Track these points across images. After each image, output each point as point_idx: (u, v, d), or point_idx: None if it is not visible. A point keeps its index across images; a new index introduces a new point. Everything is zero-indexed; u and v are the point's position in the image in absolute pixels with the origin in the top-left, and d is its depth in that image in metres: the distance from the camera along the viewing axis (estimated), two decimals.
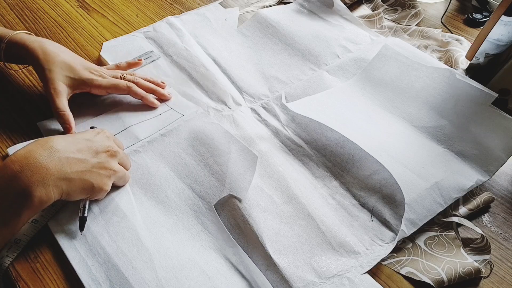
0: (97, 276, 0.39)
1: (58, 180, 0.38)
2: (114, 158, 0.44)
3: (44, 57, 0.50)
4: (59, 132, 0.52)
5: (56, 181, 0.38)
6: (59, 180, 0.39)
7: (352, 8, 0.75)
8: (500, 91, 0.54)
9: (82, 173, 0.40)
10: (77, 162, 0.40)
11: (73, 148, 0.41)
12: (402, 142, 0.52)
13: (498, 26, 0.56)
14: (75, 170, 0.40)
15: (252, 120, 0.55)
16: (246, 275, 0.40)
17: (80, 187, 0.41)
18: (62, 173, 0.39)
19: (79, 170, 0.40)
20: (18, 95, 0.57)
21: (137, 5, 0.74)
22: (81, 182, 0.40)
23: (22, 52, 0.51)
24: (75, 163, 0.40)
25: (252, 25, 0.69)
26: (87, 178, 0.41)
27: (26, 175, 0.37)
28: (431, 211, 0.45)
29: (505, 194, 0.49)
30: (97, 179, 0.42)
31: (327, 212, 0.46)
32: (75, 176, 0.40)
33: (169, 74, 0.61)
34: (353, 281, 0.40)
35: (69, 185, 0.40)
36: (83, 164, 0.41)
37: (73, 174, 0.40)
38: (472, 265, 0.41)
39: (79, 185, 0.40)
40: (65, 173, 0.39)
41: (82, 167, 0.40)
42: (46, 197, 0.38)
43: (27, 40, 0.51)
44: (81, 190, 0.41)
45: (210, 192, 0.46)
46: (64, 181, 0.39)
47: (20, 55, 0.52)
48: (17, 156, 0.37)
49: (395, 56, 0.59)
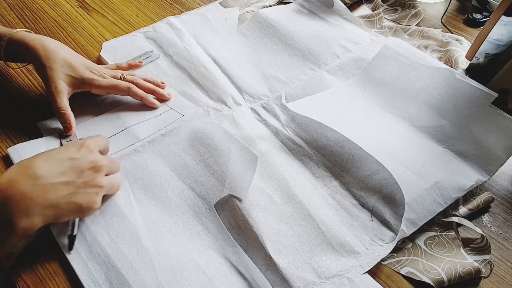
0: (97, 277, 0.39)
1: (44, 208, 0.37)
2: (100, 172, 0.42)
3: (45, 55, 0.50)
4: (59, 131, 0.52)
5: (42, 209, 0.37)
6: (45, 208, 0.37)
7: (352, 8, 0.75)
8: (500, 91, 0.54)
9: (69, 196, 0.39)
10: (63, 186, 0.38)
11: (56, 171, 0.39)
12: (402, 142, 0.52)
13: (498, 26, 0.56)
14: (61, 195, 0.38)
15: (252, 120, 0.55)
16: (246, 275, 0.40)
17: (68, 210, 0.39)
18: (48, 201, 0.37)
19: (65, 194, 0.38)
20: (18, 95, 0.57)
21: (137, 5, 0.74)
22: (68, 205, 0.39)
23: (22, 50, 0.51)
24: (60, 188, 0.38)
25: (252, 25, 0.69)
26: (74, 200, 0.39)
27: (11, 206, 0.35)
28: (431, 211, 0.45)
29: (505, 194, 0.49)
30: (85, 198, 0.40)
31: (327, 212, 0.46)
32: (61, 201, 0.38)
33: (169, 74, 0.61)
34: (353, 281, 0.40)
35: (56, 210, 0.38)
36: (69, 186, 0.39)
37: (60, 199, 0.38)
38: (472, 265, 0.41)
39: (66, 208, 0.39)
40: (50, 200, 0.37)
41: (68, 190, 0.39)
42: (30, 226, 0.37)
43: (27, 38, 0.51)
44: (69, 212, 0.40)
45: (210, 192, 0.46)
46: (51, 208, 0.38)
47: (20, 53, 0.52)
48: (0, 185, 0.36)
49: (395, 56, 0.59)
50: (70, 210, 0.39)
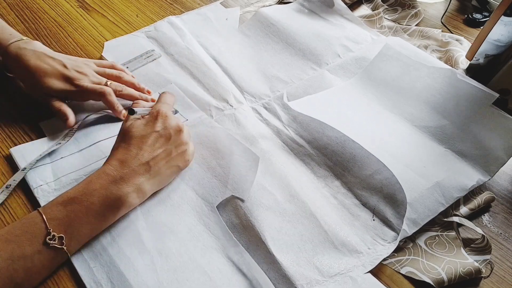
0: (98, 277, 0.39)
1: (150, 179, 0.44)
2: (182, 131, 0.46)
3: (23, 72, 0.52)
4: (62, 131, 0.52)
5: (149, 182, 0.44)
6: (152, 179, 0.44)
7: (352, 8, 0.75)
8: (500, 91, 0.54)
9: (167, 163, 0.45)
10: (160, 157, 0.44)
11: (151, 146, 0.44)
12: (403, 141, 0.52)
13: (498, 26, 0.56)
14: (161, 164, 0.44)
15: (253, 119, 0.55)
16: (248, 274, 0.41)
17: (169, 175, 0.46)
18: (153, 173, 0.44)
19: (164, 163, 0.45)
20: (18, 95, 0.57)
21: (137, 5, 0.74)
22: (169, 170, 0.45)
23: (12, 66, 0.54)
24: (159, 159, 0.44)
25: (253, 24, 0.69)
26: (172, 164, 0.46)
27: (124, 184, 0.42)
28: (432, 210, 0.45)
29: (505, 194, 0.50)
30: (180, 158, 0.46)
31: (329, 211, 0.46)
32: (163, 169, 0.45)
33: (171, 73, 0.61)
34: (356, 280, 0.40)
35: (160, 178, 0.45)
36: (164, 155, 0.45)
37: (161, 168, 0.44)
38: (473, 265, 0.41)
39: (168, 173, 0.46)
40: (154, 172, 0.44)
41: (165, 159, 0.45)
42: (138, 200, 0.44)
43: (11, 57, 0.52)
44: (171, 175, 0.46)
45: (213, 193, 0.46)
46: (156, 178, 0.44)
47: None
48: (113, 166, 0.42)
49: (397, 55, 0.59)
50: (171, 173, 0.46)
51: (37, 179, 0.47)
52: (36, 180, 0.46)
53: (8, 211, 0.45)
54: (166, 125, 0.45)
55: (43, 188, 0.46)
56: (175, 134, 0.46)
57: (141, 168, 0.43)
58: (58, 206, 0.40)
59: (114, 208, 0.42)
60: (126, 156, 0.43)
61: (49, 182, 0.46)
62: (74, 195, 0.40)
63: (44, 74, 0.51)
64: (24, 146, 0.50)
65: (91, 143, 0.51)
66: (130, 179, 0.42)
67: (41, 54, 0.52)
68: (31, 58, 0.51)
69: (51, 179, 0.47)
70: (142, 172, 0.43)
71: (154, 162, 0.44)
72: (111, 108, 0.53)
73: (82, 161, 0.49)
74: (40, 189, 0.46)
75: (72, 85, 0.52)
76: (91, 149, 0.50)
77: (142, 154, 0.43)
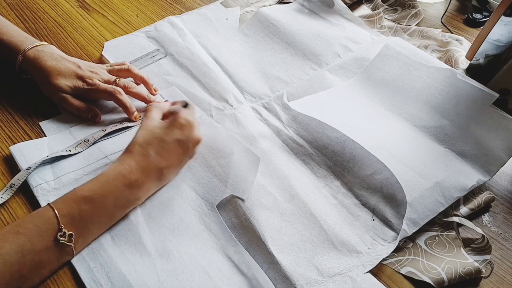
0: (98, 277, 0.39)
1: (173, 169, 0.46)
2: (194, 129, 0.47)
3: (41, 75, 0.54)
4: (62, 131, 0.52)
5: (156, 188, 0.46)
6: (157, 187, 0.46)
7: (352, 8, 0.75)
8: (500, 91, 0.54)
9: (180, 158, 0.46)
10: (176, 158, 0.46)
11: (167, 153, 0.45)
12: (403, 141, 0.52)
13: (498, 26, 0.56)
14: (177, 160, 0.46)
15: (253, 119, 0.55)
16: (248, 274, 0.41)
17: (179, 167, 0.47)
18: (175, 167, 0.46)
19: (178, 160, 0.46)
20: (18, 95, 0.57)
21: (137, 5, 0.74)
22: (180, 162, 0.47)
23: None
24: (173, 169, 0.46)
25: (253, 24, 0.69)
26: (184, 159, 0.47)
27: (136, 191, 0.43)
28: (432, 210, 0.45)
29: (505, 194, 0.50)
30: (190, 154, 0.48)
31: (329, 211, 0.46)
32: (175, 162, 0.46)
33: (171, 73, 0.61)
34: (356, 280, 0.40)
35: (164, 183, 0.46)
36: (180, 155, 0.46)
37: (172, 177, 0.47)
38: (473, 265, 0.41)
39: (179, 164, 0.47)
40: (164, 180, 0.46)
41: (180, 158, 0.46)
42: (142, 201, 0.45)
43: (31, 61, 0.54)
44: (180, 166, 0.47)
45: (213, 193, 0.46)
46: (163, 183, 0.46)
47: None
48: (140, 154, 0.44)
49: (397, 55, 0.59)
50: (180, 164, 0.47)
51: (37, 178, 0.47)
52: (35, 179, 0.46)
53: (8, 211, 0.45)
54: (188, 135, 0.46)
55: (43, 187, 0.46)
56: (193, 146, 0.47)
57: (155, 173, 0.44)
58: (71, 203, 0.40)
59: (123, 209, 0.43)
60: (143, 159, 0.43)
61: (48, 181, 0.46)
62: (89, 195, 0.40)
63: (59, 73, 0.53)
64: (24, 144, 0.50)
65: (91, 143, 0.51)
66: (144, 184, 0.43)
67: (57, 56, 0.54)
68: (48, 59, 0.53)
69: (50, 178, 0.47)
70: (155, 178, 0.44)
71: (167, 171, 0.45)
72: (123, 108, 0.53)
73: (82, 160, 0.49)
74: (39, 188, 0.46)
75: (85, 83, 0.53)
76: (91, 149, 0.50)
77: (159, 160, 0.44)
